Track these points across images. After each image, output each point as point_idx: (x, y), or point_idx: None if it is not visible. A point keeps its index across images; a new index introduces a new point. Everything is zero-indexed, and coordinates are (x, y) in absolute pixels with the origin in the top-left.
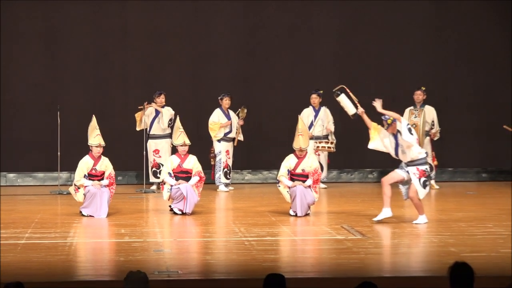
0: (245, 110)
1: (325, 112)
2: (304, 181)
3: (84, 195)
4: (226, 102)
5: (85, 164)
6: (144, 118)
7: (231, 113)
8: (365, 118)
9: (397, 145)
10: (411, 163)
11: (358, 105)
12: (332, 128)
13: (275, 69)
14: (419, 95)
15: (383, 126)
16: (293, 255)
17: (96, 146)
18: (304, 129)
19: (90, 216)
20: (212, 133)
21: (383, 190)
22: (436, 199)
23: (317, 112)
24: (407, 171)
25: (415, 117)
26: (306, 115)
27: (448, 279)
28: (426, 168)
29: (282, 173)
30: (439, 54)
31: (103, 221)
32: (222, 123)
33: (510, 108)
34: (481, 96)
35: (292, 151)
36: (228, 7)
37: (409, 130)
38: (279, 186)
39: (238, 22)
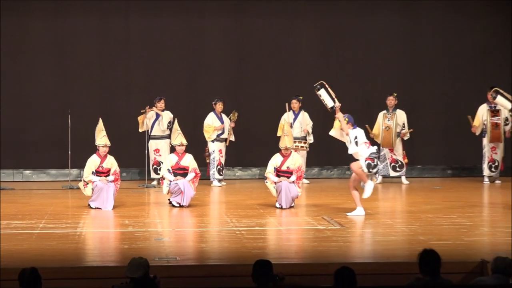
0: (236, 114)
1: (303, 116)
2: (288, 177)
3: (92, 189)
4: (219, 106)
5: (92, 162)
6: (146, 120)
7: (224, 116)
8: (338, 113)
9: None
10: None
11: (335, 99)
12: (309, 130)
13: (263, 77)
14: (391, 100)
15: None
16: (279, 243)
17: (103, 146)
18: (289, 130)
19: (98, 208)
20: (206, 135)
21: (352, 193)
22: (407, 193)
23: (296, 115)
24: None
25: (388, 120)
26: (286, 118)
27: (417, 265)
28: (375, 157)
29: (269, 170)
30: (409, 63)
31: (109, 213)
32: (216, 126)
33: (471, 112)
34: (446, 101)
35: (278, 150)
36: (220, 22)
37: (356, 143)
38: (266, 182)
39: (230, 35)
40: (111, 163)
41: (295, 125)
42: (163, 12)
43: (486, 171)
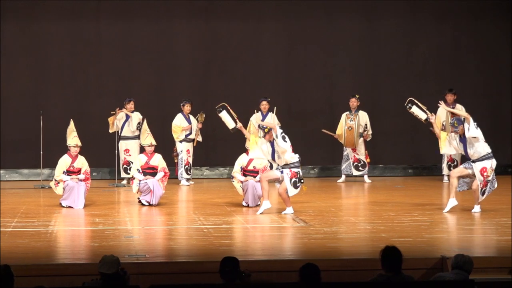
0: (203, 115)
1: (271, 117)
2: (255, 177)
3: (64, 188)
4: (187, 108)
5: (64, 162)
6: (116, 121)
7: (191, 117)
8: (243, 131)
9: (273, 151)
10: (285, 166)
11: (237, 120)
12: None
13: (229, 79)
14: (353, 102)
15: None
16: (245, 241)
17: (74, 146)
18: (255, 132)
19: (69, 207)
20: (174, 135)
21: (262, 186)
22: (369, 192)
23: (264, 116)
24: (282, 171)
25: (350, 121)
26: (255, 119)
27: (380, 261)
28: (298, 171)
29: (236, 170)
30: (371, 65)
31: (80, 211)
32: (184, 127)
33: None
34: (403, 104)
35: (244, 150)
36: (188, 25)
37: (283, 137)
38: (233, 181)
39: (198, 38)
40: (82, 162)
41: None
42: (133, 15)
43: (445, 170)
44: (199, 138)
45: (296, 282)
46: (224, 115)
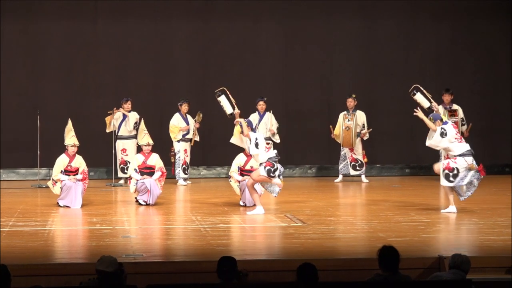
0: (201, 115)
1: (268, 116)
2: None
3: (61, 188)
4: (184, 107)
5: (61, 161)
6: (113, 121)
7: (189, 117)
8: (242, 121)
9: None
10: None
11: (235, 106)
12: (275, 130)
13: (227, 79)
14: (350, 102)
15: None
16: (242, 240)
17: (72, 146)
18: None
19: (66, 206)
20: (172, 135)
21: (251, 192)
22: (366, 192)
23: (261, 116)
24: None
25: (348, 120)
26: (252, 119)
27: (377, 261)
28: (274, 162)
29: (233, 169)
30: (368, 65)
31: (77, 211)
32: (181, 127)
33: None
34: (404, 101)
35: (242, 150)
36: (186, 25)
37: (256, 145)
38: (230, 181)
39: (195, 38)
40: (79, 162)
41: (260, 126)
42: (131, 15)
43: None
44: (197, 138)
45: (293, 281)
46: (223, 100)
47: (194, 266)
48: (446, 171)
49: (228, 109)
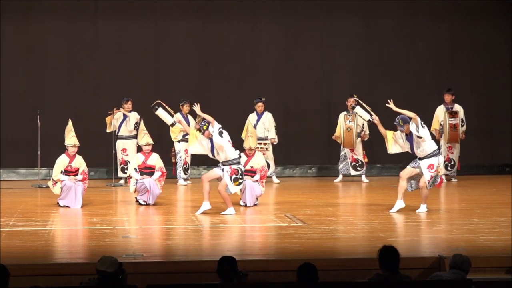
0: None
1: (267, 117)
2: (252, 176)
3: (61, 188)
4: (186, 108)
5: (61, 161)
6: (113, 121)
7: (190, 117)
8: (184, 124)
9: (212, 147)
10: (225, 163)
11: (173, 115)
12: (272, 132)
13: (226, 79)
14: (351, 102)
15: (395, 130)
16: (243, 240)
17: (72, 146)
18: (253, 131)
19: (66, 206)
20: (172, 135)
21: (203, 186)
22: (366, 192)
23: (259, 116)
24: (222, 169)
25: (349, 121)
26: (251, 119)
27: (377, 261)
28: (239, 167)
29: None
30: (369, 65)
31: (77, 211)
32: (181, 128)
33: (430, 114)
34: (404, 102)
35: (242, 150)
36: (186, 25)
37: (220, 133)
38: None
39: (195, 38)
40: (79, 162)
41: (258, 126)
42: (131, 15)
43: (442, 170)
44: None
45: (293, 281)
46: (161, 112)
47: (194, 266)
48: (432, 181)
49: (168, 120)
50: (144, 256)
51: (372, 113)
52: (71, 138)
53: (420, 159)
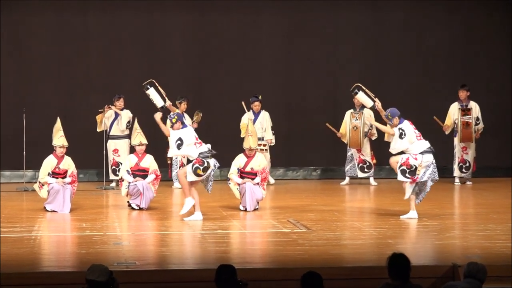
0: (200, 115)
1: (264, 116)
2: (253, 179)
3: (48, 191)
4: (183, 106)
5: (49, 163)
6: (104, 120)
7: (186, 116)
8: (171, 107)
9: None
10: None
11: (166, 98)
12: (269, 132)
13: (225, 75)
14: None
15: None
16: (242, 247)
17: (60, 147)
18: (253, 131)
19: (54, 211)
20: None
21: (181, 183)
22: (375, 195)
23: (256, 116)
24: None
25: (356, 119)
26: (245, 119)
27: (386, 269)
28: (205, 160)
29: (232, 171)
30: (376, 59)
31: (65, 216)
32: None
33: (442, 110)
34: (415, 98)
35: (242, 150)
36: (182, 17)
37: (178, 146)
38: (229, 183)
39: (192, 32)
40: (68, 164)
41: (255, 126)
42: (123, 6)
43: (456, 172)
44: None
45: None
46: (152, 93)
47: (191, 275)
48: (403, 167)
49: (158, 102)
50: (137, 264)
51: (375, 99)
52: (59, 138)
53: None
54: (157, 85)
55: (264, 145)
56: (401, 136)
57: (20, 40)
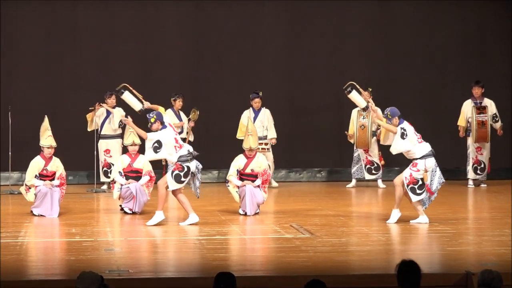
0: (197, 112)
1: (265, 113)
2: (253, 181)
3: (35, 195)
4: (178, 103)
5: (36, 164)
6: (95, 118)
7: (182, 114)
8: (152, 106)
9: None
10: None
11: (143, 100)
12: (272, 130)
13: (224, 71)
14: (366, 96)
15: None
16: (242, 254)
17: (48, 147)
18: (254, 130)
19: (41, 215)
20: None
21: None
22: (383, 198)
23: (257, 113)
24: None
25: (363, 118)
26: (246, 116)
27: (395, 277)
28: (185, 165)
29: (231, 173)
30: (384, 54)
31: (54, 221)
32: (175, 123)
33: (455, 110)
34: (426, 95)
35: (241, 151)
36: (177, 9)
37: (155, 149)
38: (228, 186)
39: (188, 24)
40: (56, 165)
41: (256, 124)
42: None
43: (470, 174)
44: (191, 138)
45: None
46: (128, 96)
47: (187, 284)
48: (411, 186)
49: (136, 105)
50: (130, 272)
51: (369, 99)
52: (47, 138)
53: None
54: (131, 88)
55: (266, 144)
56: (403, 136)
57: (6, 34)
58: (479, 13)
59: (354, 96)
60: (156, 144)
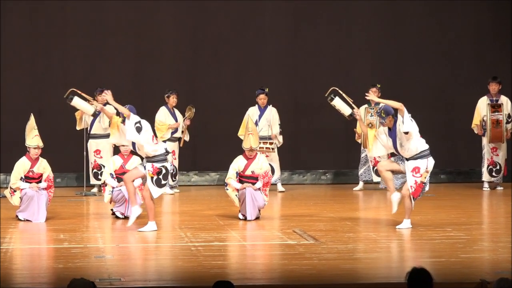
0: (193, 110)
1: (271, 111)
2: (253, 184)
3: (21, 198)
4: (172, 100)
5: (22, 165)
6: (85, 117)
7: (177, 112)
8: (105, 111)
9: (133, 142)
10: (149, 159)
11: (93, 103)
12: (277, 133)
13: (222, 66)
14: (374, 93)
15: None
16: (242, 261)
17: (34, 148)
18: (254, 128)
19: (27, 220)
20: (159, 134)
21: (127, 188)
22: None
23: (262, 111)
24: (145, 167)
25: (371, 115)
26: (251, 114)
27: (406, 286)
28: (163, 166)
29: (230, 175)
30: (393, 49)
31: (41, 226)
32: (171, 124)
33: (469, 105)
34: (437, 93)
35: (241, 151)
36: (173, 1)
37: (138, 129)
38: (227, 189)
39: (184, 18)
40: (43, 167)
41: (261, 123)
42: None
43: (485, 176)
44: (186, 137)
45: None
46: (77, 102)
47: None
48: (420, 193)
49: (88, 109)
50: (122, 281)
51: (354, 106)
52: (33, 138)
53: (407, 159)
54: (79, 92)
55: (271, 143)
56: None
57: None
58: (495, 5)
59: (337, 103)
60: (138, 125)
